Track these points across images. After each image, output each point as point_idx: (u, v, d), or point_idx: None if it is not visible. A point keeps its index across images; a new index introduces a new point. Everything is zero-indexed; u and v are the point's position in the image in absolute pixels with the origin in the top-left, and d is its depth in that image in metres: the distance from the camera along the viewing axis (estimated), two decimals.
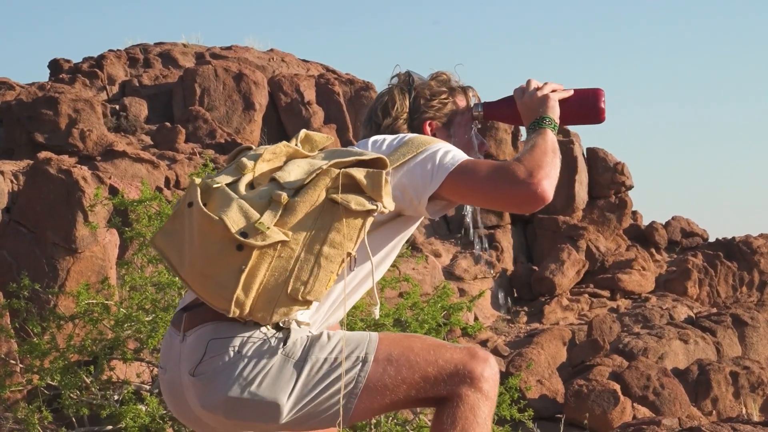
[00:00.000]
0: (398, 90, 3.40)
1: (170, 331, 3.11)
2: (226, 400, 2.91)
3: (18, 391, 10.09)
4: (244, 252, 2.83)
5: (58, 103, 17.13)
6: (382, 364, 2.97)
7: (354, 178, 2.94)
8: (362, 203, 2.91)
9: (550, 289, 19.69)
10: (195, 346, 2.97)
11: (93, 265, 12.46)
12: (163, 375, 3.13)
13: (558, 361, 16.67)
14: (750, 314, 18.37)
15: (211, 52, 22.66)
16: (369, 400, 2.97)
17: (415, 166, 3.09)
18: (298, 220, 2.89)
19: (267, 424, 2.96)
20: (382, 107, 3.38)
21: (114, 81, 21.19)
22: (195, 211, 2.90)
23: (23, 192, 13.16)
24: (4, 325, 9.36)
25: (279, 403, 2.90)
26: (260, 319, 2.87)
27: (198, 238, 2.88)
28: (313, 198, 2.91)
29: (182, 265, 2.93)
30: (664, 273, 21.42)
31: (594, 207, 21.84)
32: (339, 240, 2.89)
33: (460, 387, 2.97)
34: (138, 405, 7.92)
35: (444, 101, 3.41)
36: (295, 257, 2.87)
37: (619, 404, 14.13)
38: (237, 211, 2.86)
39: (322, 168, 2.94)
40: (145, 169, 16.22)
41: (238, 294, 2.83)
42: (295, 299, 2.86)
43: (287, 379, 2.92)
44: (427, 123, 3.38)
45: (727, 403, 15.40)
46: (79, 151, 16.78)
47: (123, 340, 8.41)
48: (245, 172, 3.00)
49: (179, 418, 3.19)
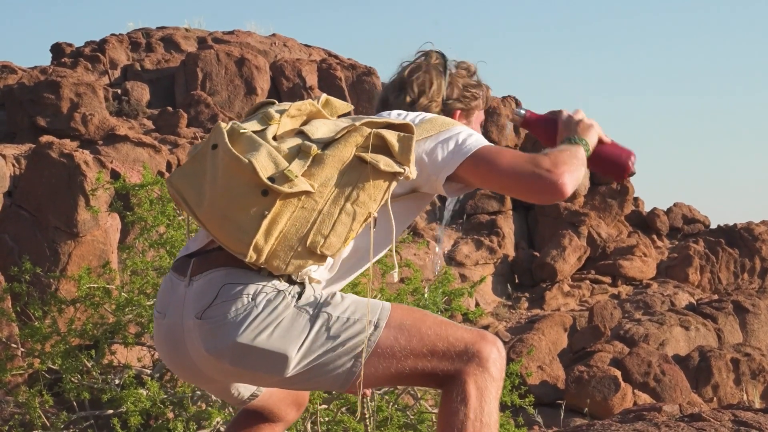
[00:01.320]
0: (436, 71, 3.41)
1: (171, 277, 3.08)
2: (234, 345, 2.87)
3: (19, 375, 10.10)
4: (268, 198, 2.82)
5: (60, 87, 17.10)
6: (393, 331, 2.97)
7: (385, 139, 2.95)
8: (391, 165, 2.93)
9: (551, 275, 19.69)
10: (205, 290, 2.93)
11: (94, 249, 12.46)
12: (161, 320, 3.07)
13: (559, 347, 16.68)
14: (751, 301, 18.36)
15: (213, 36, 22.63)
16: (375, 366, 2.96)
17: (437, 144, 3.11)
18: (326, 173, 2.89)
19: (271, 376, 2.94)
20: (419, 84, 3.39)
21: (116, 65, 21.16)
22: (222, 152, 2.90)
23: (25, 176, 13.16)
24: (6, 308, 9.36)
25: (288, 354, 2.88)
26: (275, 267, 2.86)
27: (222, 179, 2.87)
28: (342, 153, 2.91)
29: (200, 204, 2.90)
30: (666, 259, 21.42)
31: (596, 193, 21.82)
32: (363, 198, 2.89)
33: (469, 365, 2.97)
34: (139, 389, 7.93)
35: (475, 95, 3.47)
36: (318, 210, 2.86)
37: (619, 390, 14.14)
38: (266, 156, 2.86)
39: (354, 125, 2.95)
40: (147, 153, 16.20)
41: (257, 239, 2.81)
42: (313, 252, 2.85)
43: (298, 332, 2.89)
44: (458, 112, 3.43)
45: (728, 390, 15.41)
46: (81, 135, 16.76)
47: (124, 324, 8.42)
48: (271, 122, 3.01)
49: (171, 367, 3.16)
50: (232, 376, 3.03)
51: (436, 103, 3.38)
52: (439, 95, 3.39)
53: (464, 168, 3.07)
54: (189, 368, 3.06)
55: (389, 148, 2.95)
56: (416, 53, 3.48)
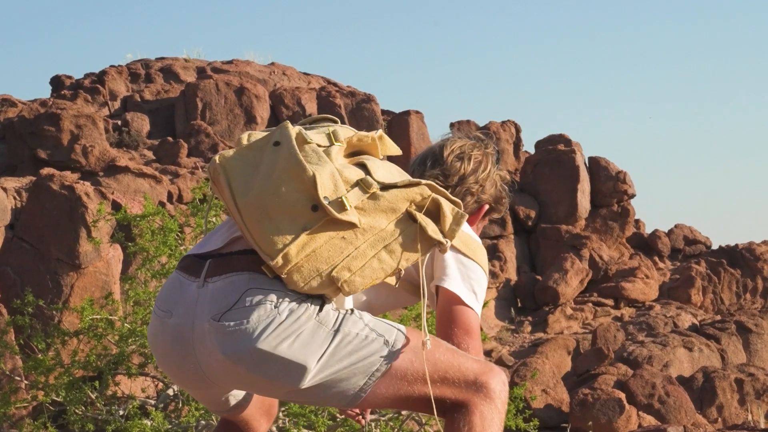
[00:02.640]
0: (492, 161, 3.47)
1: (179, 277, 3.04)
2: (254, 351, 2.84)
3: (23, 408, 10.10)
4: (317, 214, 2.83)
5: (60, 119, 17.16)
6: (408, 354, 2.97)
7: (440, 207, 2.97)
8: (437, 232, 2.95)
9: (553, 299, 19.68)
10: (225, 292, 2.90)
11: (97, 280, 12.48)
12: (167, 319, 3.01)
13: (563, 370, 16.66)
14: (754, 321, 18.35)
15: (213, 66, 22.70)
16: (386, 386, 2.96)
17: (456, 262, 3.21)
18: (376, 215, 2.90)
19: (286, 385, 2.91)
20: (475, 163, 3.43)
21: (116, 96, 21.23)
22: (286, 152, 2.89)
23: (26, 208, 13.19)
24: (9, 341, 9.37)
25: (307, 365, 2.86)
26: (293, 281, 2.85)
27: (278, 177, 2.86)
28: (397, 204, 2.93)
29: (245, 194, 2.89)
30: (668, 281, 21.41)
31: (596, 216, 21.84)
32: (399, 252, 2.91)
33: (477, 396, 2.99)
34: (143, 420, 7.93)
35: (504, 204, 3.54)
36: (355, 246, 2.87)
37: (624, 413, 14.12)
38: (329, 176, 2.86)
39: (420, 182, 2.97)
40: (148, 184, 16.24)
41: (291, 248, 2.81)
42: (334, 283, 2.85)
43: (318, 344, 2.88)
44: (485, 208, 3.50)
45: (732, 410, 15.38)
46: (82, 166, 16.80)
47: (127, 354, 8.42)
48: (337, 143, 3.01)
49: (166, 368, 3.11)
50: (242, 383, 3.01)
51: (480, 188, 3.44)
52: (485, 183, 3.44)
53: (447, 308, 3.18)
54: (188, 371, 3.02)
55: (441, 217, 2.97)
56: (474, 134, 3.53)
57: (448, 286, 3.15)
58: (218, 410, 3.36)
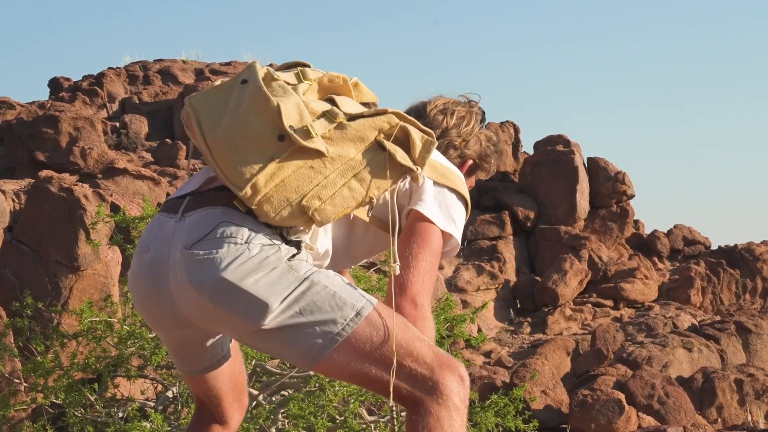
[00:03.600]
0: (476, 118, 3.47)
1: (159, 217, 3.07)
2: (218, 280, 2.83)
3: (22, 410, 10.08)
4: (283, 144, 2.85)
5: (58, 121, 17.15)
6: (370, 327, 2.90)
7: (409, 135, 2.98)
8: (406, 159, 2.97)
9: (553, 300, 19.67)
10: (199, 224, 2.92)
11: (96, 282, 12.46)
12: (144, 255, 3.03)
13: (562, 371, 16.65)
14: (754, 321, 18.34)
15: (211, 68, 22.71)
16: (343, 355, 2.88)
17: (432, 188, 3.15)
18: (344, 144, 2.91)
19: (246, 323, 2.87)
20: (458, 117, 3.44)
21: (114, 98, 21.23)
22: (252, 87, 2.91)
23: (25, 211, 13.17)
24: (8, 344, 9.36)
25: (270, 304, 2.83)
26: (263, 212, 2.86)
27: (244, 113, 2.89)
28: (365, 133, 2.94)
29: (213, 130, 2.93)
30: (667, 281, 21.41)
31: (596, 216, 21.85)
32: (369, 181, 2.92)
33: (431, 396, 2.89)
34: (143, 422, 7.92)
35: (489, 162, 3.52)
36: (324, 174, 2.88)
37: (624, 413, 14.10)
38: (294, 106, 2.89)
39: (386, 110, 2.98)
40: (147, 186, 16.23)
41: (258, 178, 2.83)
42: (304, 212, 2.86)
43: (284, 287, 2.85)
44: (469, 162, 3.48)
45: (732, 411, 15.36)
46: (80, 169, 16.80)
47: (127, 357, 8.41)
48: (305, 81, 3.04)
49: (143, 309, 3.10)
50: (207, 316, 2.95)
51: (460, 141, 3.44)
52: (469, 137, 3.43)
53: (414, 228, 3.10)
54: (163, 307, 3.00)
55: (410, 145, 2.98)
56: (459, 95, 3.52)
57: (418, 208, 3.10)
58: (192, 368, 3.31)
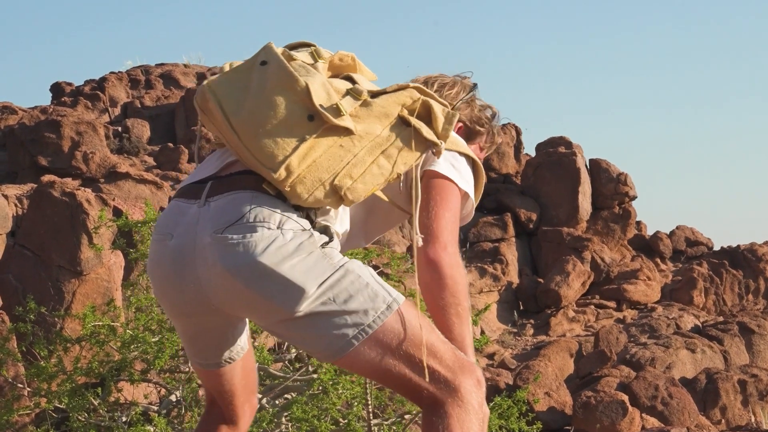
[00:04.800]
0: (461, 85, 3.43)
1: (177, 203, 3.01)
2: (255, 264, 2.79)
3: (26, 415, 10.09)
4: (313, 124, 2.82)
5: (60, 126, 17.17)
6: (399, 323, 2.89)
7: (431, 110, 2.97)
8: (431, 133, 2.95)
9: (555, 301, 19.67)
10: (227, 208, 2.86)
11: (98, 287, 12.47)
12: (167, 241, 2.96)
13: (565, 372, 16.65)
14: (756, 322, 18.34)
15: (212, 71, 22.72)
16: (369, 349, 2.86)
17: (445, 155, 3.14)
18: (370, 121, 2.90)
19: (280, 308, 2.83)
20: (440, 83, 3.41)
21: (116, 103, 21.25)
22: (275, 67, 2.88)
23: (27, 215, 13.18)
24: (11, 348, 9.36)
25: (306, 289, 2.80)
26: (297, 194, 2.82)
27: (271, 92, 2.85)
28: (389, 109, 2.92)
29: (238, 112, 2.87)
30: (670, 282, 21.40)
31: (598, 218, 21.84)
32: (396, 158, 2.90)
33: (451, 398, 2.89)
34: (146, 426, 7.92)
35: (482, 122, 3.49)
36: (354, 153, 2.85)
37: (627, 415, 14.10)
38: (321, 85, 2.86)
39: (408, 85, 2.97)
40: (149, 190, 16.24)
41: (292, 159, 2.79)
42: (336, 192, 2.83)
43: (321, 272, 2.82)
44: (461, 125, 3.46)
45: (735, 412, 15.36)
46: (83, 173, 16.81)
47: (130, 361, 8.41)
48: (320, 59, 3.02)
49: (166, 297, 3.04)
50: (238, 301, 2.90)
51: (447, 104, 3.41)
52: (453, 101, 3.37)
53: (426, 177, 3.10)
54: (187, 293, 2.94)
55: (432, 119, 2.97)
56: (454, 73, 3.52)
57: (434, 168, 3.11)
58: (207, 361, 3.26)
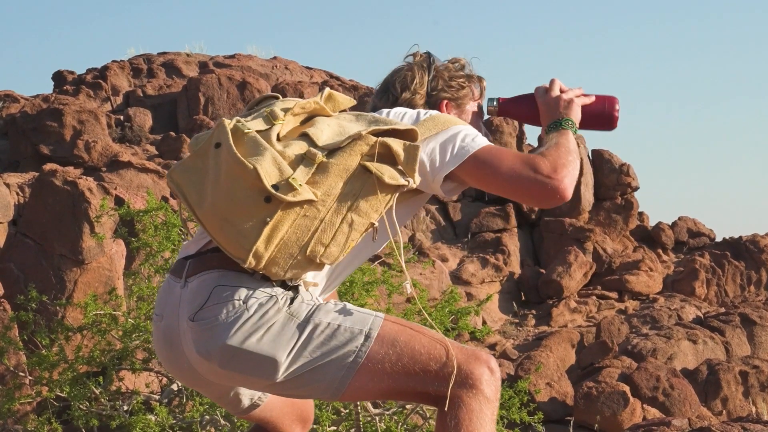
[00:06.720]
0: (418, 66, 3.38)
1: (169, 280, 3.06)
2: (223, 348, 2.85)
3: (27, 404, 10.09)
4: (271, 205, 2.79)
5: (62, 114, 17.16)
6: (384, 346, 2.90)
7: (391, 149, 2.91)
8: (395, 177, 2.89)
9: (557, 292, 19.66)
10: (198, 291, 2.91)
11: (100, 276, 12.46)
12: (159, 322, 3.05)
13: (567, 363, 16.65)
14: (758, 313, 18.33)
15: (215, 60, 22.70)
16: (365, 379, 2.90)
17: (437, 145, 3.07)
18: (329, 182, 2.85)
19: (261, 380, 2.91)
20: (400, 81, 3.37)
21: (118, 92, 21.23)
22: (225, 153, 2.84)
23: (29, 204, 13.18)
24: (13, 337, 9.36)
25: (277, 359, 2.85)
26: (273, 274, 2.83)
27: (225, 181, 2.83)
28: (347, 162, 2.87)
29: (201, 204, 2.87)
30: (672, 273, 21.39)
31: (600, 209, 21.82)
32: (365, 209, 2.85)
33: (461, 388, 2.89)
34: (148, 415, 7.93)
35: (462, 84, 3.41)
36: (320, 218, 2.82)
37: (628, 405, 14.11)
38: (271, 162, 2.82)
39: (360, 134, 2.91)
40: (151, 179, 16.23)
41: (258, 245, 2.78)
42: (312, 260, 2.82)
43: (288, 338, 2.86)
44: (444, 103, 3.38)
45: (737, 403, 15.36)
46: (85, 162, 16.80)
47: (131, 350, 8.42)
48: (276, 122, 2.96)
49: (170, 369, 3.13)
50: (225, 379, 3.00)
51: (420, 95, 3.35)
52: (423, 87, 3.34)
53: (463, 169, 3.05)
54: (186, 370, 3.04)
55: (395, 157, 2.91)
56: (404, 57, 3.46)
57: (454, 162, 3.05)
58: (236, 411, 3.34)
